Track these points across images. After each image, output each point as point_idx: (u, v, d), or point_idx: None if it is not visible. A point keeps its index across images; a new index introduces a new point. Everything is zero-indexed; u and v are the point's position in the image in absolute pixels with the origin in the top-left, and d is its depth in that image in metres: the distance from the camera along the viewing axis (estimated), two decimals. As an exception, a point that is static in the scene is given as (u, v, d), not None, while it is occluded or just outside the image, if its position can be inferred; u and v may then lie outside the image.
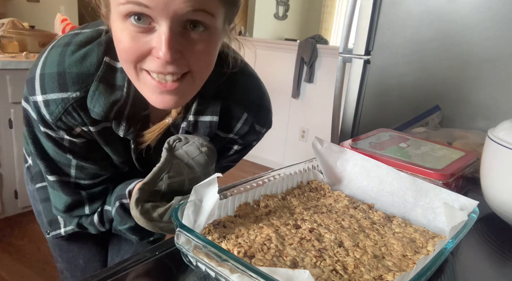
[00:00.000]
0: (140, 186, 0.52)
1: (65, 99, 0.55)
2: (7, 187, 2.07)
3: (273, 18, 4.30)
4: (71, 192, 0.65)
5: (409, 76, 1.17)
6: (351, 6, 1.31)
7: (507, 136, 0.58)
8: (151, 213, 0.51)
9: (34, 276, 1.78)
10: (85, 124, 0.59)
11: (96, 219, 0.68)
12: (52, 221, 0.78)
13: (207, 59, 0.53)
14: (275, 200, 0.55)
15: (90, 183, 0.65)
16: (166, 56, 0.48)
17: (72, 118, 0.57)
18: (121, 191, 0.64)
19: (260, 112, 0.71)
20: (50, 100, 0.55)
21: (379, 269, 0.41)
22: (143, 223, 0.50)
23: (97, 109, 0.56)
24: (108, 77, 0.57)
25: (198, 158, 0.59)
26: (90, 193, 0.66)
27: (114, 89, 0.57)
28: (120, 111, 0.59)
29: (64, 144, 0.61)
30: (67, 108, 0.56)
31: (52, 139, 0.60)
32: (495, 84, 1.02)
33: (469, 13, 1.03)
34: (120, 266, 0.45)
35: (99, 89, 0.56)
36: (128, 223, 0.63)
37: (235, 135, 0.71)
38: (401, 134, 0.85)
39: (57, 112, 0.56)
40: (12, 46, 2.14)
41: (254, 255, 0.41)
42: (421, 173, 0.64)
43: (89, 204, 0.67)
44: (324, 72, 2.99)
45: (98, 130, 0.60)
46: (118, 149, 0.65)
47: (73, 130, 0.59)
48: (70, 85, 0.55)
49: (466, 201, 0.52)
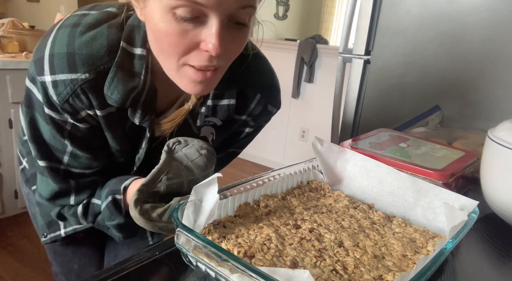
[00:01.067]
0: (139, 187, 0.52)
1: (74, 80, 0.54)
2: (7, 187, 2.07)
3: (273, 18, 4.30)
4: (59, 180, 0.63)
5: (409, 76, 1.17)
6: (351, 6, 1.31)
7: (507, 136, 0.58)
8: (150, 213, 0.51)
9: (34, 276, 1.78)
10: (92, 108, 0.58)
11: (80, 211, 0.66)
12: (51, 222, 0.77)
13: (239, 51, 0.55)
14: (275, 200, 0.55)
15: (81, 172, 0.64)
16: (217, 50, 0.48)
17: (79, 101, 0.56)
18: (115, 186, 0.62)
19: (272, 92, 0.73)
20: (58, 81, 0.54)
21: (379, 269, 0.41)
22: (142, 223, 0.50)
23: (115, 97, 0.56)
24: (125, 64, 0.56)
25: (197, 160, 0.59)
26: (79, 183, 0.65)
27: (132, 76, 0.57)
28: (136, 99, 0.58)
29: (65, 128, 0.59)
30: (76, 90, 0.55)
31: (53, 122, 0.58)
32: (495, 84, 1.02)
33: (469, 13, 1.03)
34: (120, 266, 0.45)
35: (118, 76, 0.55)
36: (117, 219, 0.62)
37: (248, 116, 0.73)
38: (401, 134, 0.85)
39: (65, 94, 0.55)
40: (12, 46, 2.14)
41: (254, 255, 0.41)
42: (421, 173, 0.64)
43: (75, 194, 0.66)
44: (324, 72, 2.99)
45: (104, 115, 0.59)
46: (119, 135, 0.64)
47: (78, 114, 0.58)
48: (79, 66, 0.54)
49: (466, 201, 0.52)
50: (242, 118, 0.73)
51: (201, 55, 0.50)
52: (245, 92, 0.69)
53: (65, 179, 0.64)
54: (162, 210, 0.51)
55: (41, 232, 0.80)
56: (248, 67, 0.68)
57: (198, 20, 0.48)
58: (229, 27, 0.50)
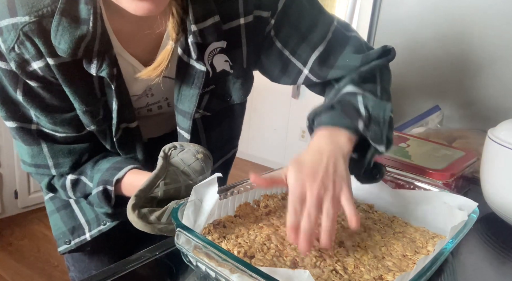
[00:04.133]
0: (136, 193, 0.52)
1: (15, 24, 0.51)
2: (7, 187, 2.07)
3: (273, 18, 4.31)
4: (30, 141, 0.61)
5: (409, 76, 1.17)
6: (351, 6, 1.31)
7: (507, 136, 0.58)
8: (149, 216, 0.51)
9: (34, 276, 1.78)
10: (41, 57, 0.53)
11: (68, 184, 0.64)
12: (74, 228, 0.74)
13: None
14: (275, 200, 0.55)
15: (52, 133, 0.61)
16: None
17: (24, 48, 0.52)
18: (108, 175, 0.60)
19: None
20: (2, 28, 0.52)
21: (379, 269, 0.41)
22: (141, 226, 0.50)
23: (62, 46, 0.52)
24: (70, 10, 0.52)
25: (194, 164, 0.58)
26: (53, 148, 0.62)
27: (79, 23, 0.52)
28: (89, 47, 0.53)
29: (18, 83, 0.56)
30: (19, 35, 0.51)
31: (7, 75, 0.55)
32: (495, 84, 1.02)
33: (469, 13, 1.03)
34: (120, 266, 0.45)
35: (62, 24, 0.51)
36: (105, 208, 0.61)
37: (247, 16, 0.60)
38: (401, 134, 0.85)
39: (10, 41, 0.52)
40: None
41: (254, 255, 0.41)
42: (422, 173, 0.64)
43: (53, 161, 0.62)
44: (324, 72, 2.99)
45: (58, 64, 0.54)
46: (81, 90, 0.58)
47: (28, 65, 0.54)
48: (19, 9, 0.51)
49: (466, 201, 0.52)
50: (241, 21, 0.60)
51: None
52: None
53: (37, 141, 0.61)
54: (160, 213, 0.51)
55: (62, 240, 0.75)
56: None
57: None
58: None
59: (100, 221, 0.72)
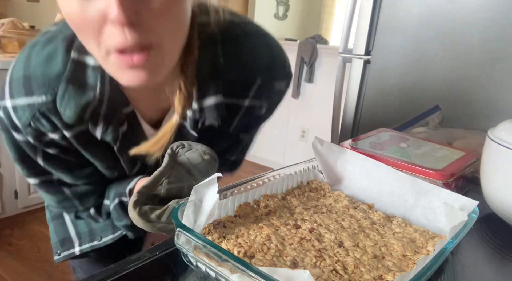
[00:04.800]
0: (139, 189, 0.52)
1: (31, 105, 0.51)
2: (7, 187, 2.07)
3: (273, 18, 4.30)
4: (54, 191, 0.62)
5: (409, 76, 1.17)
6: (351, 6, 1.31)
7: (507, 136, 0.58)
8: (149, 214, 0.51)
9: (34, 276, 1.78)
10: (56, 130, 0.54)
11: (92, 212, 0.66)
12: (64, 240, 0.74)
13: (171, 17, 0.45)
14: (275, 200, 0.55)
15: (72, 181, 0.62)
16: (120, 16, 0.40)
17: (40, 124, 0.53)
18: (122, 188, 0.62)
19: (275, 70, 0.62)
20: (18, 106, 0.52)
21: (379, 269, 0.41)
22: (141, 224, 0.50)
23: (68, 113, 0.52)
24: (78, 76, 0.52)
25: (200, 165, 0.57)
26: (75, 191, 0.63)
27: (85, 89, 0.52)
28: (95, 112, 0.53)
29: (37, 151, 0.57)
30: (35, 114, 0.52)
31: (26, 145, 0.56)
32: (495, 84, 1.02)
33: (469, 13, 1.03)
34: (120, 266, 0.45)
35: (68, 92, 0.51)
36: (124, 220, 0.62)
37: (252, 101, 0.62)
38: (401, 134, 0.85)
39: (25, 119, 0.52)
40: (12, 46, 2.14)
41: (254, 255, 0.41)
42: (421, 173, 0.64)
43: (79, 201, 0.64)
44: (324, 72, 2.99)
45: (74, 135, 0.55)
46: (100, 153, 0.59)
47: (44, 136, 0.55)
48: (35, 89, 0.51)
49: (466, 201, 0.52)
50: (245, 104, 0.62)
51: (112, 32, 0.42)
52: (239, 80, 0.59)
53: (59, 189, 0.62)
54: (160, 211, 0.51)
55: (55, 250, 0.76)
56: (239, 52, 0.58)
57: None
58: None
59: (94, 236, 0.72)
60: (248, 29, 0.60)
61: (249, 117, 0.67)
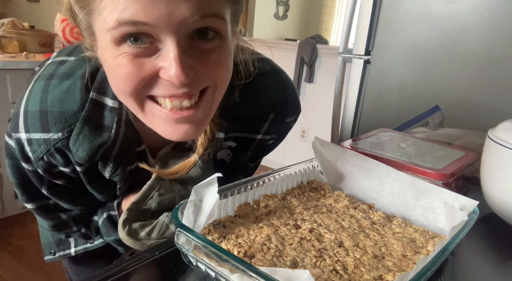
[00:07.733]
0: (129, 206, 0.51)
1: (47, 140, 0.51)
2: (7, 187, 2.07)
3: (273, 18, 4.30)
4: (51, 216, 0.63)
5: (409, 76, 1.17)
6: (351, 6, 1.31)
7: (507, 136, 0.58)
8: (139, 232, 0.50)
9: (34, 276, 1.78)
10: (68, 165, 0.54)
11: (83, 230, 0.67)
12: (61, 240, 0.75)
13: (224, 69, 0.46)
14: (275, 200, 0.55)
15: (69, 207, 0.63)
16: (180, 76, 0.40)
17: (54, 159, 0.53)
18: (109, 202, 0.62)
19: (287, 106, 0.65)
20: (33, 140, 0.51)
21: (379, 269, 0.41)
22: (130, 243, 0.50)
23: (80, 154, 0.51)
24: (94, 117, 0.51)
25: (191, 172, 0.56)
26: (71, 215, 0.64)
27: (101, 130, 0.51)
28: (107, 152, 0.53)
29: (43, 181, 0.58)
30: (50, 149, 0.51)
31: (33, 175, 0.57)
32: (495, 84, 1.02)
33: (469, 13, 1.03)
34: (120, 266, 0.45)
35: (84, 132, 0.50)
36: (114, 235, 0.61)
37: (264, 135, 0.66)
38: (401, 134, 0.85)
39: (39, 152, 0.52)
40: (12, 46, 2.14)
41: (254, 255, 0.41)
42: (421, 173, 0.64)
43: (74, 223, 0.65)
44: (324, 72, 2.99)
45: (84, 170, 0.55)
46: (100, 187, 0.59)
47: (54, 168, 0.55)
48: (52, 126, 0.50)
49: (466, 201, 0.52)
50: (258, 137, 0.66)
51: (163, 85, 0.42)
52: (253, 117, 0.61)
53: (55, 214, 0.63)
54: (150, 228, 0.51)
55: (48, 250, 0.76)
56: (254, 91, 0.59)
57: (152, 47, 0.41)
58: (194, 45, 0.42)
59: (87, 239, 0.73)
60: (263, 67, 0.61)
61: (259, 149, 0.70)
